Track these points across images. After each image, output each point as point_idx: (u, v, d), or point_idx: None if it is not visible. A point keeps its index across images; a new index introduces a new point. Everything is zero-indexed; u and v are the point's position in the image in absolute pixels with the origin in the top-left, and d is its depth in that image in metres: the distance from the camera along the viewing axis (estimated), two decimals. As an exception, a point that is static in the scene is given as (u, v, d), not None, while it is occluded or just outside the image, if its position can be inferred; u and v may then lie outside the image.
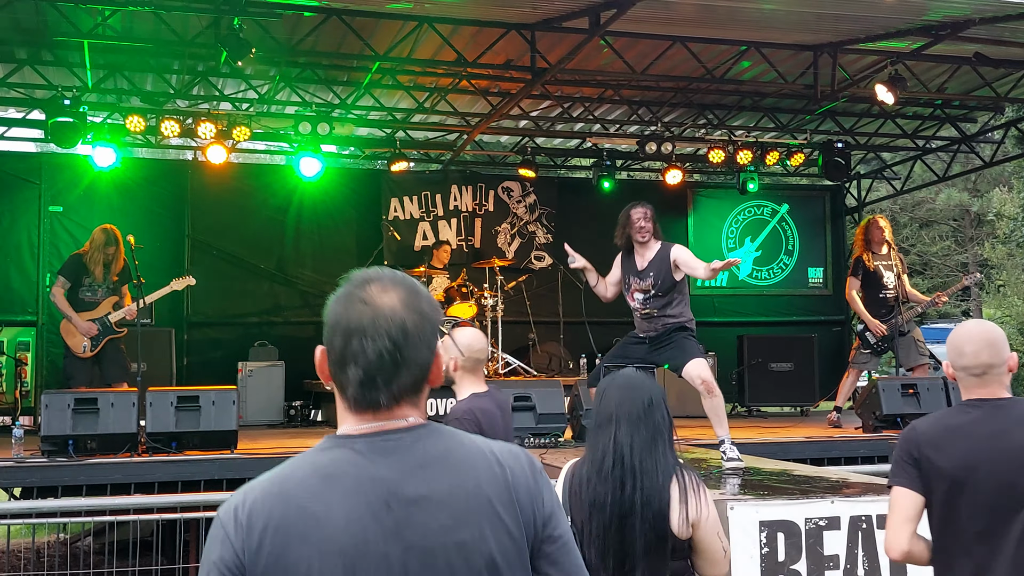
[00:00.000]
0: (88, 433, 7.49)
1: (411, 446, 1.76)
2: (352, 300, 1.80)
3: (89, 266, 8.96)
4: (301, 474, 1.75)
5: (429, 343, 1.81)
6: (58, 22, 9.38)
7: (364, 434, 1.78)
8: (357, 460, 1.74)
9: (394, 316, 1.77)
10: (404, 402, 1.80)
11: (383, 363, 1.76)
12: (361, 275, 1.84)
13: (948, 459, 3.14)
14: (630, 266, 7.30)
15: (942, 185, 18.84)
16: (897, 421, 9.29)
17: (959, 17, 9.50)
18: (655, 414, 3.27)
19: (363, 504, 1.70)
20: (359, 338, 1.77)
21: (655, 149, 12.78)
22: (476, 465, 1.79)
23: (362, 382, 1.77)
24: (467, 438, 1.86)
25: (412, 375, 1.79)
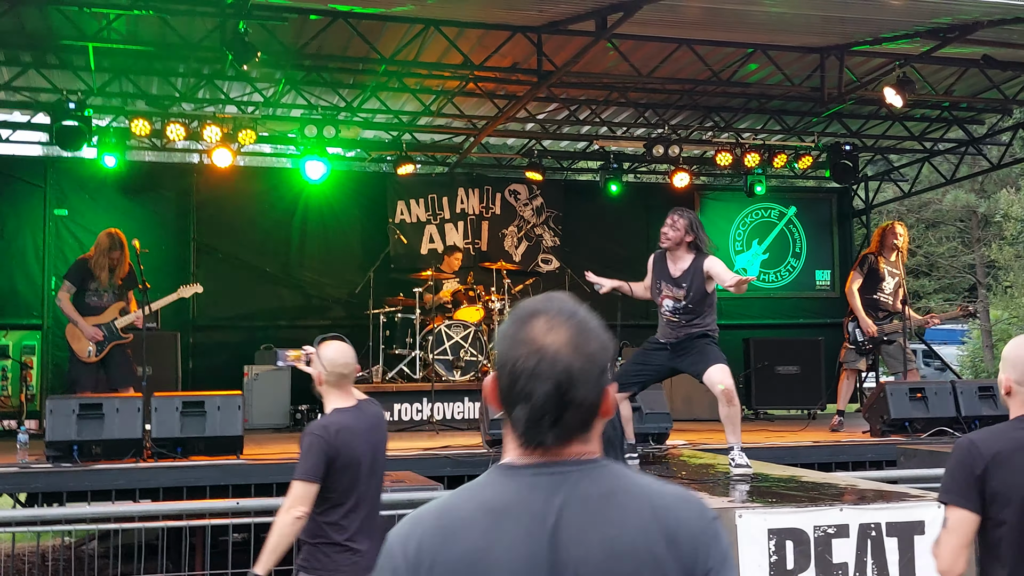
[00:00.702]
0: (93, 438, 7.48)
1: (576, 483, 1.74)
2: (517, 340, 1.76)
3: (94, 271, 8.93)
4: (468, 509, 1.75)
5: (596, 383, 1.77)
6: (63, 26, 9.37)
7: (530, 465, 1.76)
8: (522, 495, 1.73)
9: (559, 359, 1.73)
10: (573, 441, 1.77)
11: (547, 406, 1.73)
12: (528, 307, 1.80)
13: (1016, 475, 3.05)
14: (663, 271, 7.15)
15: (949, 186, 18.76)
16: (905, 425, 9.26)
17: (967, 19, 9.45)
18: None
19: (526, 544, 1.70)
20: (525, 380, 1.74)
21: (662, 152, 12.75)
22: (640, 508, 1.73)
23: (528, 423, 1.75)
24: (636, 479, 1.80)
25: (579, 416, 1.75)
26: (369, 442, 4.33)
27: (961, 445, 3.17)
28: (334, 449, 4.16)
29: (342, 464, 4.17)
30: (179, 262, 12.42)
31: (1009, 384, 3.21)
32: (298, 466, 4.13)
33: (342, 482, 4.19)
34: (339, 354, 4.39)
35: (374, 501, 4.38)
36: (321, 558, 4.19)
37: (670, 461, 7.51)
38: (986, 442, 3.13)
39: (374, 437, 4.39)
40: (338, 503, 4.20)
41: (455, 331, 11.18)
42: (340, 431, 4.22)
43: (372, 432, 4.39)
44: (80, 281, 8.98)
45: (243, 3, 8.50)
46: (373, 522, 4.35)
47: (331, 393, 4.38)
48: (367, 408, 4.45)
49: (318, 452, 4.13)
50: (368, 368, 11.33)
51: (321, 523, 4.17)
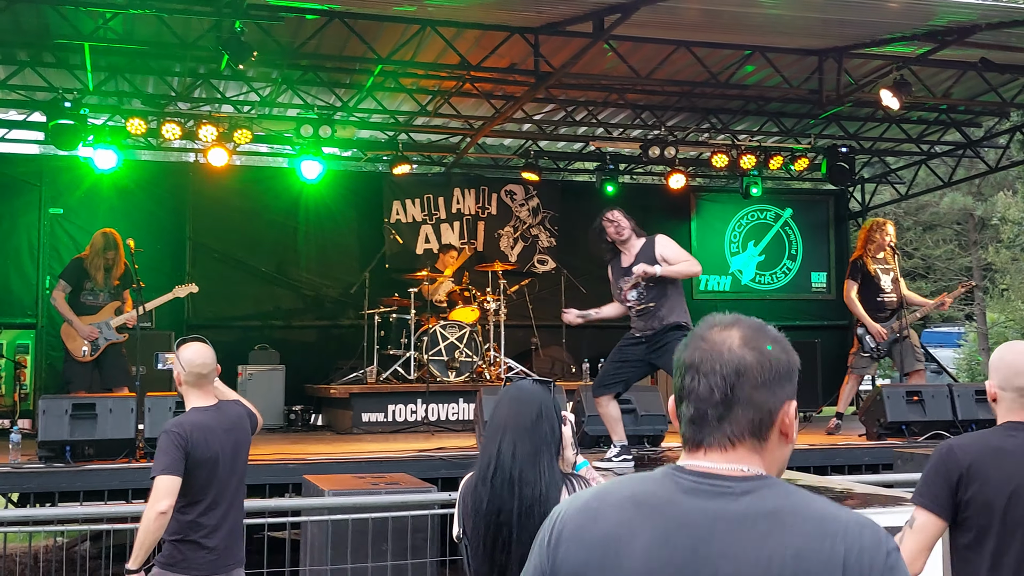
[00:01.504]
0: (86, 439, 7.45)
1: (738, 497, 1.64)
2: (694, 339, 1.74)
3: (90, 271, 8.91)
4: (619, 495, 1.72)
5: (771, 385, 1.69)
6: (59, 24, 9.33)
7: (695, 472, 1.69)
8: (676, 497, 1.67)
9: (730, 353, 1.69)
10: (741, 446, 1.69)
11: (713, 399, 1.68)
12: (711, 319, 1.78)
13: (991, 484, 3.04)
14: (618, 269, 7.32)
15: (946, 189, 18.76)
16: (902, 429, 9.24)
17: (965, 22, 9.45)
18: (542, 426, 3.29)
19: (667, 546, 1.63)
20: (692, 374, 1.71)
21: (658, 153, 12.73)
22: (805, 532, 1.59)
23: (692, 419, 1.71)
24: (812, 501, 1.66)
25: (748, 417, 1.68)
26: (228, 441, 4.41)
27: (940, 450, 3.17)
28: (189, 446, 4.24)
29: (196, 461, 4.25)
30: (174, 261, 12.39)
31: (994, 390, 3.21)
32: (155, 464, 4.21)
33: (198, 480, 4.27)
34: (196, 355, 4.51)
35: (233, 500, 4.45)
36: (176, 555, 4.28)
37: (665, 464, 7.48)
38: (965, 449, 3.12)
39: (234, 437, 4.46)
40: (194, 501, 4.29)
41: (450, 332, 11.15)
42: (195, 429, 4.30)
43: (232, 432, 4.46)
44: (75, 280, 8.96)
45: (239, 2, 8.47)
46: (232, 521, 4.42)
47: (190, 393, 4.48)
48: (228, 408, 4.55)
49: (174, 448, 4.21)
50: (363, 368, 11.31)
51: (177, 520, 4.25)
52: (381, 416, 10.70)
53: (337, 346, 12.63)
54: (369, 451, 8.61)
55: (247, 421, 4.62)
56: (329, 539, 5.82)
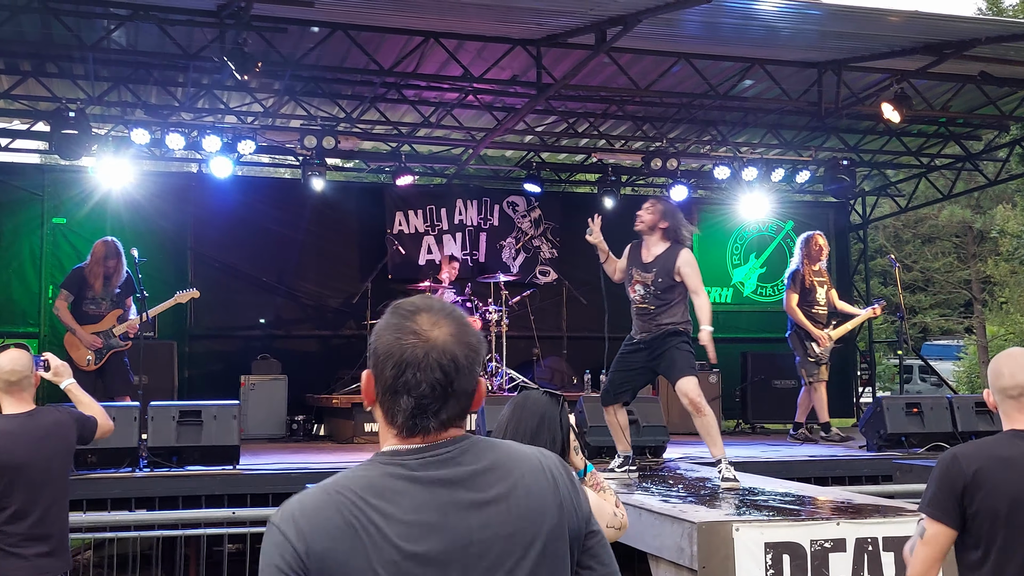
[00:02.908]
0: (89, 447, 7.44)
1: (459, 457, 1.84)
2: (403, 332, 1.86)
3: (89, 279, 8.94)
4: (354, 487, 1.80)
5: (475, 374, 1.90)
6: (63, 34, 9.37)
7: (412, 449, 1.84)
8: (411, 474, 1.81)
9: (446, 350, 1.84)
10: (451, 427, 1.88)
11: (435, 395, 1.84)
12: (409, 304, 1.91)
13: (996, 492, 3.06)
14: (635, 257, 7.26)
15: (945, 202, 18.79)
16: (901, 440, 9.26)
17: (964, 36, 9.50)
18: (542, 436, 3.35)
19: (422, 512, 1.77)
20: (412, 371, 1.83)
21: (660, 165, 12.77)
22: (524, 468, 1.88)
23: (413, 412, 1.84)
24: (511, 444, 1.96)
25: (460, 404, 1.88)
26: (39, 450, 4.37)
27: (944, 460, 3.18)
28: None
29: None
30: (177, 271, 12.40)
31: (991, 399, 3.25)
32: None
33: (0, 487, 4.25)
34: (8, 361, 4.46)
35: (48, 508, 4.38)
36: None
37: (667, 474, 7.51)
38: (968, 458, 3.13)
39: (49, 445, 4.42)
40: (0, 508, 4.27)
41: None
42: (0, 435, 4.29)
43: (46, 440, 4.41)
44: (77, 290, 8.99)
45: (243, 14, 8.52)
46: (47, 529, 4.37)
47: (3, 399, 4.45)
48: (42, 416, 4.50)
49: None
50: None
51: None
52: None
53: (339, 356, 12.64)
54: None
55: (67, 429, 4.56)
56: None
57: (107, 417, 4.80)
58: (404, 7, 8.87)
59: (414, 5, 8.83)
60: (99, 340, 8.87)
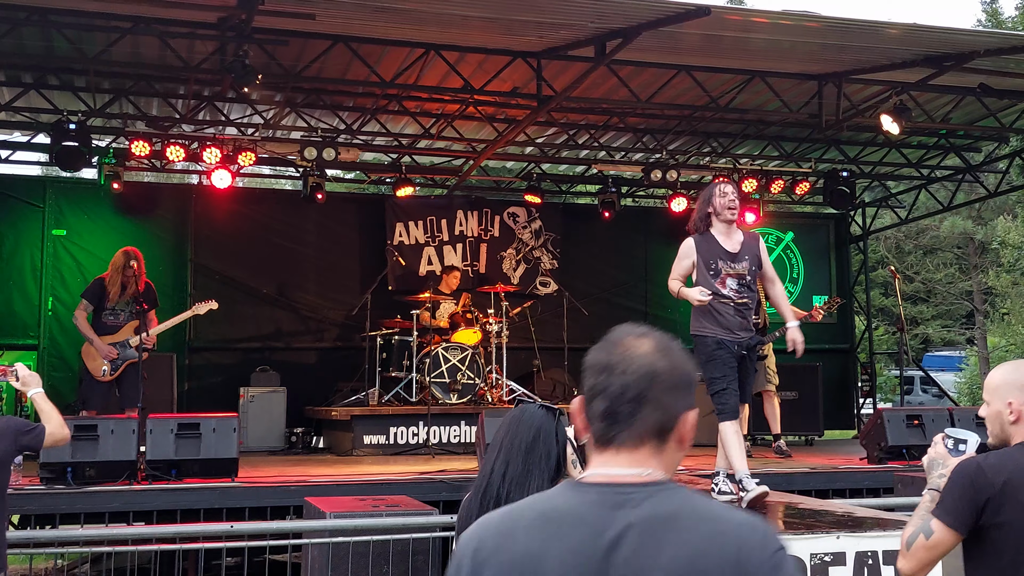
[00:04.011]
0: (87, 460, 7.43)
1: (639, 504, 1.75)
2: (607, 344, 1.85)
3: (108, 288, 8.97)
4: (530, 516, 1.79)
5: (677, 390, 1.82)
6: (64, 47, 9.39)
7: (597, 484, 1.79)
8: (583, 509, 1.76)
9: (642, 356, 1.81)
10: (646, 446, 1.80)
11: (626, 396, 1.79)
12: (624, 328, 1.89)
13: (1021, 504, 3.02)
14: (715, 249, 6.30)
15: (946, 213, 18.80)
16: (903, 452, 9.23)
17: (964, 48, 9.51)
18: (538, 450, 3.33)
19: (578, 555, 1.72)
20: (607, 373, 1.81)
21: (660, 176, 12.79)
22: (701, 533, 1.72)
23: (605, 415, 1.80)
24: (704, 504, 1.79)
25: (656, 418, 1.79)
26: None
27: (967, 469, 3.09)
28: None
29: None
30: (177, 283, 12.41)
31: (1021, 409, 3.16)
32: None
33: None
34: None
35: None
36: None
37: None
38: (996, 470, 3.07)
39: None
40: None
41: (452, 354, 11.16)
42: None
43: None
44: (97, 300, 9.02)
45: (244, 26, 8.54)
46: None
47: None
48: None
49: None
50: (364, 390, 11.31)
51: None
52: (382, 438, 10.70)
53: (338, 368, 12.63)
54: (370, 473, 8.61)
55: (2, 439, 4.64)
56: (330, 562, 5.81)
57: (63, 427, 4.83)
58: (405, 19, 8.88)
59: (416, 18, 8.84)
60: (114, 351, 8.88)
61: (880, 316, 26.33)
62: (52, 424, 4.80)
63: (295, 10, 8.46)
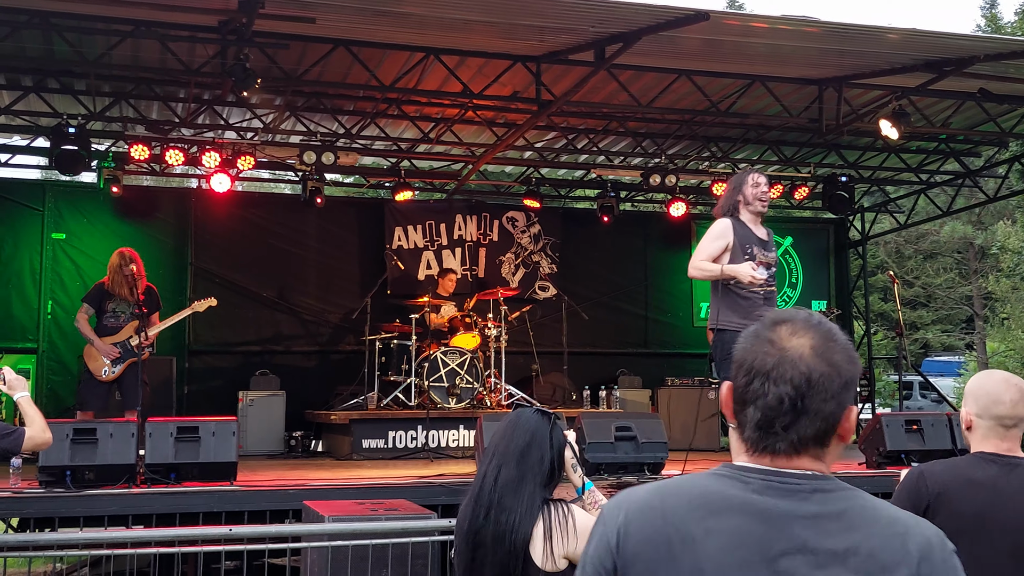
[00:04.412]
0: (86, 464, 7.42)
1: (809, 495, 1.68)
2: (759, 339, 1.74)
3: (113, 290, 9.01)
4: (686, 494, 1.72)
5: (838, 396, 1.71)
6: (65, 50, 9.40)
7: (760, 469, 1.72)
8: (748, 496, 1.68)
9: (800, 362, 1.69)
10: (805, 453, 1.72)
11: (782, 409, 1.69)
12: (774, 315, 1.78)
13: (959, 515, 3.01)
14: (749, 234, 6.26)
15: (946, 218, 18.81)
16: (901, 457, 9.22)
17: (963, 53, 9.52)
18: (531, 455, 3.31)
19: (745, 542, 1.65)
20: (761, 380, 1.71)
21: (659, 181, 12.79)
22: (876, 533, 1.66)
23: (759, 425, 1.72)
24: (877, 503, 1.73)
25: (814, 426, 1.70)
26: None
27: (911, 476, 3.15)
28: None
29: None
30: (176, 286, 12.41)
31: (970, 418, 3.18)
32: None
33: None
34: None
35: None
36: None
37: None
38: (935, 477, 3.10)
39: None
40: None
41: (451, 358, 11.16)
42: None
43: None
44: (98, 303, 9.06)
45: (245, 30, 8.54)
46: None
47: None
48: None
49: None
50: (363, 394, 11.31)
51: None
52: (381, 442, 10.69)
53: (338, 372, 12.63)
54: (369, 477, 8.59)
55: None
56: (329, 565, 5.80)
57: (45, 431, 4.85)
58: (406, 23, 8.90)
59: (416, 22, 8.85)
60: (115, 350, 8.91)
61: (879, 321, 26.34)
62: (33, 428, 4.82)
63: (296, 14, 8.47)
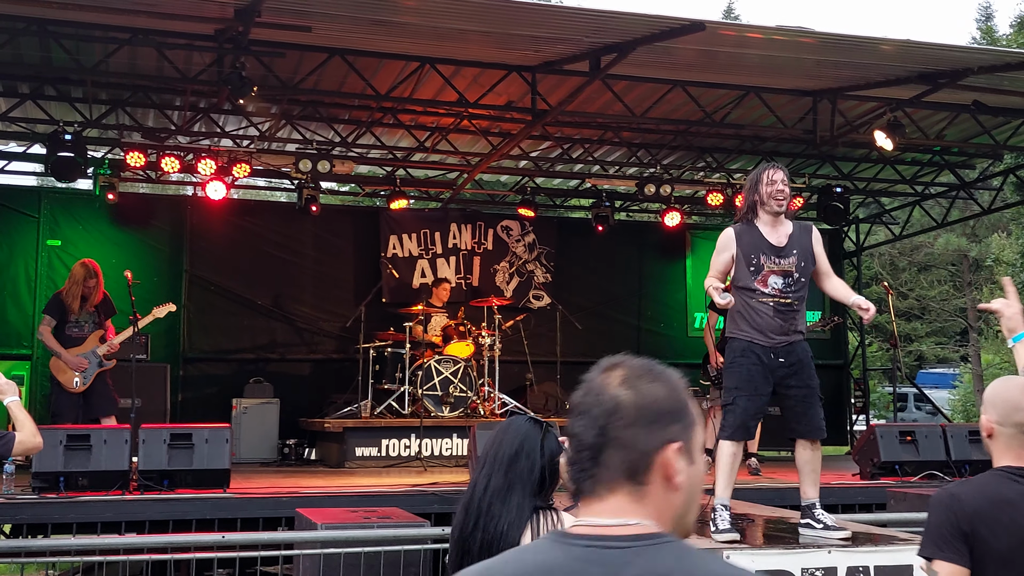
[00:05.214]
0: (80, 470, 7.43)
1: (628, 563, 1.53)
2: (583, 382, 1.68)
3: (66, 300, 8.97)
4: (507, 571, 1.58)
5: (648, 425, 1.59)
6: (62, 57, 9.41)
7: (583, 536, 1.58)
8: (569, 565, 1.55)
9: (605, 391, 1.62)
10: (619, 492, 1.59)
11: (587, 441, 1.61)
12: (602, 361, 1.70)
13: (1000, 536, 2.91)
14: (758, 242, 5.61)
15: (941, 230, 18.86)
16: (895, 468, 9.24)
17: (958, 65, 9.56)
18: (520, 463, 3.31)
19: None
20: (575, 415, 1.64)
21: (654, 191, 12.82)
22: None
23: (571, 462, 1.64)
24: (706, 562, 1.57)
25: (623, 459, 1.59)
26: None
27: (942, 500, 3.00)
28: None
29: None
30: (171, 294, 12.36)
31: (991, 426, 3.07)
32: None
33: None
34: None
35: None
36: None
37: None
38: (969, 496, 2.98)
39: None
40: None
41: (445, 366, 11.16)
42: None
43: None
44: (60, 314, 9.01)
45: (241, 38, 8.56)
46: None
47: None
48: None
49: None
50: (357, 403, 11.30)
51: None
52: (374, 451, 10.69)
53: (331, 380, 12.63)
54: (362, 485, 8.60)
55: None
56: (321, 573, 5.80)
57: (35, 435, 4.90)
58: (402, 33, 8.92)
59: (412, 31, 8.88)
60: (85, 361, 8.88)
61: (874, 332, 26.37)
62: (24, 432, 4.83)
63: (292, 23, 8.50)
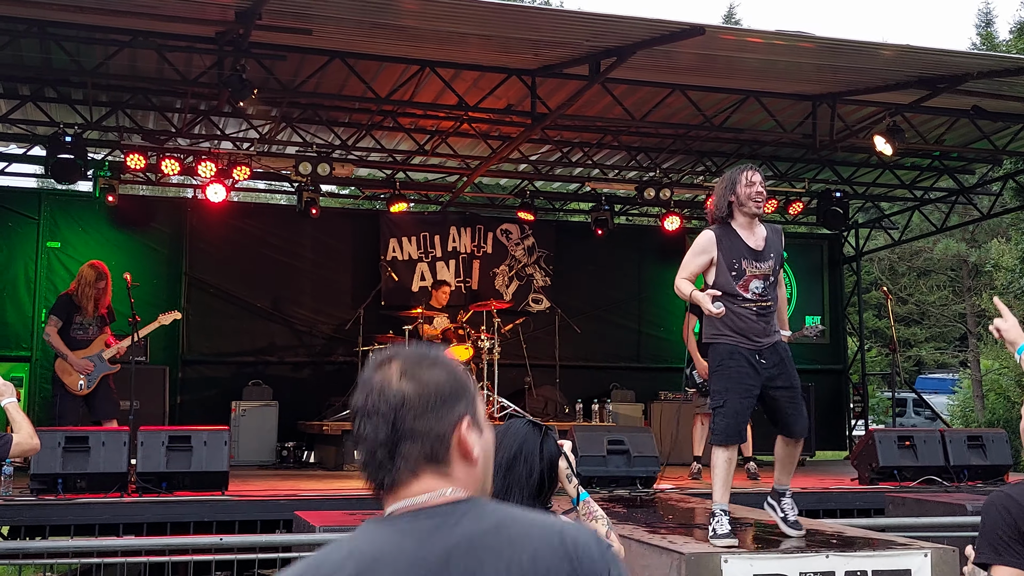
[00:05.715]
0: (78, 472, 7.43)
1: (457, 523, 1.61)
2: (362, 383, 1.71)
3: (80, 303, 8.94)
4: (336, 558, 1.60)
5: (436, 411, 1.66)
6: (62, 59, 9.42)
7: (406, 511, 1.64)
8: (400, 541, 1.60)
9: (387, 388, 1.66)
10: (425, 475, 1.66)
11: (379, 439, 1.65)
12: (372, 358, 1.76)
13: None
14: (737, 246, 5.52)
15: (940, 235, 18.86)
16: (894, 473, 9.24)
17: (957, 70, 9.57)
18: (518, 467, 3.33)
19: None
20: (360, 418, 1.68)
21: (653, 195, 12.83)
22: (533, 536, 1.61)
23: (365, 462, 1.67)
24: (523, 513, 1.70)
25: (422, 448, 1.65)
26: None
27: (998, 501, 2.93)
28: None
29: None
30: (170, 296, 12.40)
31: None
32: None
33: None
34: None
35: None
36: None
37: (657, 505, 7.48)
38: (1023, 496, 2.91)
39: None
40: None
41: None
42: None
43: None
44: (66, 316, 8.98)
45: (242, 41, 8.57)
46: None
47: None
48: None
49: None
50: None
51: None
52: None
53: (330, 382, 12.62)
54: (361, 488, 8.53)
55: None
56: None
57: (33, 437, 4.89)
58: (402, 36, 8.93)
59: (412, 35, 8.88)
60: (91, 364, 8.87)
61: (873, 338, 26.37)
62: (21, 434, 4.83)
63: (293, 26, 8.50)
